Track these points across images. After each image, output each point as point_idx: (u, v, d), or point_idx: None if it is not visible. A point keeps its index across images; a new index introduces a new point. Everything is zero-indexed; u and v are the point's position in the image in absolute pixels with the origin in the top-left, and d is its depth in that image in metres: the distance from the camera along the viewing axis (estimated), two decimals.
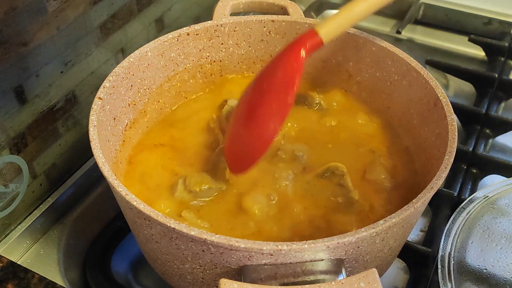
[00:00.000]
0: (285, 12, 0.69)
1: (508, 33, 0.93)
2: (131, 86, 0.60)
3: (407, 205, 0.45)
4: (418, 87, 0.60)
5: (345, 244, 0.43)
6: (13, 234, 0.61)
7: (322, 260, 0.43)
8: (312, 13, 1.00)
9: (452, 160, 0.50)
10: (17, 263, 0.56)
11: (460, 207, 0.59)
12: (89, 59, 0.66)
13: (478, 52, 0.93)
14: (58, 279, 0.59)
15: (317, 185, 0.57)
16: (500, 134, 0.78)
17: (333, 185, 0.57)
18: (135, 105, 0.61)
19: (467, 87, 0.86)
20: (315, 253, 0.42)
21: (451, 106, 0.55)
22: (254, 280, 0.43)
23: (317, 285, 0.41)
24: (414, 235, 0.66)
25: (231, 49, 0.68)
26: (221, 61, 0.68)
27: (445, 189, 0.67)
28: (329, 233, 0.52)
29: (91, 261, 0.60)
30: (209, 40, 0.66)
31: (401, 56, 0.61)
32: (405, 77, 0.61)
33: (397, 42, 0.96)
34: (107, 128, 0.56)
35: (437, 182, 0.47)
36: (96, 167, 0.51)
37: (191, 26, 0.64)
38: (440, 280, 0.53)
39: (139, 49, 0.60)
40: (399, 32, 0.95)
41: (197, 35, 0.64)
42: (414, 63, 0.60)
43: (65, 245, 0.63)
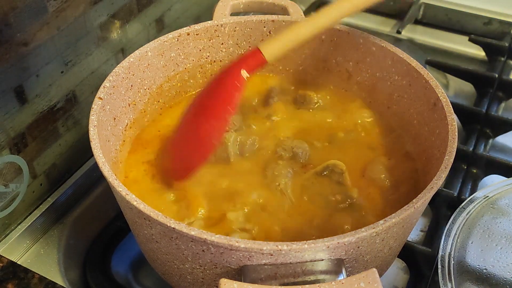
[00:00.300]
0: (285, 12, 0.69)
1: (508, 33, 0.93)
2: (131, 86, 0.60)
3: (407, 205, 0.45)
4: (418, 87, 0.60)
5: (345, 244, 0.43)
6: (13, 234, 0.61)
7: (322, 260, 0.43)
8: (313, 13, 1.00)
9: (452, 160, 0.50)
10: (17, 263, 0.56)
11: (460, 207, 0.59)
12: (89, 59, 0.66)
13: (478, 52, 0.93)
14: (58, 279, 0.59)
15: (315, 183, 0.57)
16: (500, 134, 0.78)
17: (332, 183, 0.57)
18: (135, 105, 0.61)
19: (467, 87, 0.86)
20: (315, 253, 0.42)
21: (451, 106, 0.55)
22: (254, 280, 0.43)
23: (317, 285, 0.41)
24: (414, 235, 0.66)
25: (231, 49, 0.68)
26: (221, 61, 0.68)
27: (445, 189, 0.67)
28: (328, 232, 0.52)
29: (91, 261, 0.60)
30: (209, 40, 0.66)
31: (401, 56, 0.61)
32: (405, 77, 0.61)
33: (397, 42, 0.96)
34: (107, 128, 0.56)
35: (437, 182, 0.47)
36: (96, 167, 0.51)
37: (191, 26, 0.64)
38: (440, 280, 0.53)
39: (139, 49, 0.61)
40: (399, 32, 0.95)
41: (197, 35, 0.64)
42: (414, 63, 0.60)
43: (65, 245, 0.63)
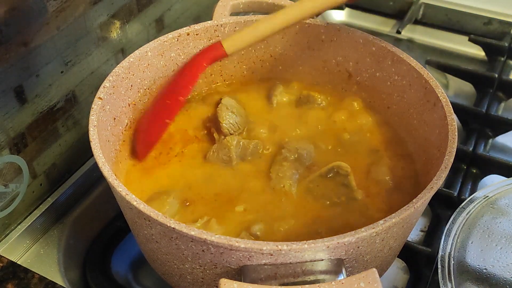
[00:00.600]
0: None
1: (508, 33, 0.93)
2: (131, 86, 0.60)
3: (407, 205, 0.45)
4: (418, 87, 0.60)
5: (345, 244, 0.43)
6: (13, 234, 0.61)
7: (322, 260, 0.43)
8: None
9: (452, 160, 0.50)
10: (17, 263, 0.56)
11: (460, 207, 0.59)
12: (89, 59, 0.66)
13: (478, 52, 0.93)
14: (58, 279, 0.59)
15: (320, 184, 0.57)
16: (500, 134, 0.78)
17: (337, 184, 0.57)
18: (135, 105, 0.61)
19: (467, 87, 0.86)
20: (315, 253, 0.42)
21: (451, 106, 0.55)
22: (254, 280, 0.43)
23: (317, 285, 0.41)
24: (414, 235, 0.66)
25: None
26: (221, 61, 0.68)
27: (445, 189, 0.67)
28: (333, 233, 0.52)
29: (91, 261, 0.60)
30: (209, 40, 0.65)
31: (401, 56, 0.61)
32: (405, 77, 0.61)
33: (397, 42, 0.96)
34: (107, 128, 0.56)
35: (437, 182, 0.47)
36: (96, 167, 0.51)
37: (191, 26, 0.64)
38: (440, 280, 0.53)
39: (139, 49, 0.61)
40: (399, 32, 0.95)
41: (197, 35, 0.64)
42: (414, 63, 0.60)
43: (65, 245, 0.63)
